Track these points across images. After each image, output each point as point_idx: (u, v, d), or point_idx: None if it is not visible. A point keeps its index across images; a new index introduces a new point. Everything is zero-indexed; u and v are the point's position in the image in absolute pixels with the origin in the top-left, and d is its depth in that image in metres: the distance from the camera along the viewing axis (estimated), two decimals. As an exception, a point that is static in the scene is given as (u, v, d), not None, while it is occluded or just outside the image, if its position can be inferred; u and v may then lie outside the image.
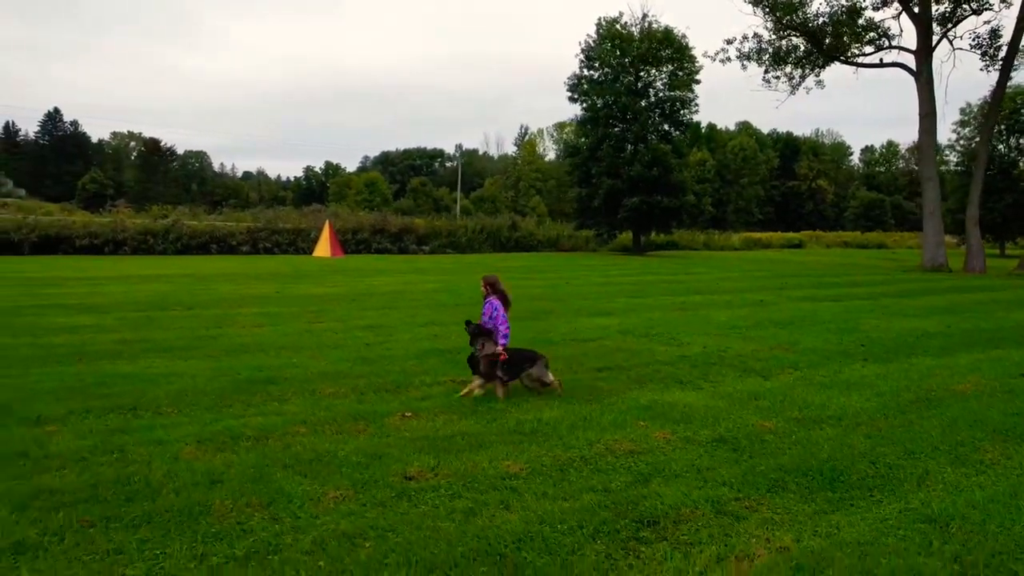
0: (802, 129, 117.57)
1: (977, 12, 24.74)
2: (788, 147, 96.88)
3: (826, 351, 8.79)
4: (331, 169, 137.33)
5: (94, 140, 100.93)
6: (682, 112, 36.29)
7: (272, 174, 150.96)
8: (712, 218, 62.87)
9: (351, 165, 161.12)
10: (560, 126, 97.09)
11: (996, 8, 24.56)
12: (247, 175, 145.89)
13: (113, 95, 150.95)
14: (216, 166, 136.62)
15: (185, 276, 18.13)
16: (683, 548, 3.27)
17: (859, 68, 27.57)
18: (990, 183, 38.66)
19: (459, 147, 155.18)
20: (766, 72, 28.17)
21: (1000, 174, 45.15)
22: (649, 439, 4.96)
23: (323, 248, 30.54)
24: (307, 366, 7.25)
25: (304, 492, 3.85)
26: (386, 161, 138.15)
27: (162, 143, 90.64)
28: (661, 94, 36.39)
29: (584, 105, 37.32)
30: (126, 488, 3.85)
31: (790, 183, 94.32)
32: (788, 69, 28.01)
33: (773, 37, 28.14)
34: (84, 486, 3.86)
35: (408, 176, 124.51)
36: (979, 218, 28.07)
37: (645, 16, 36.59)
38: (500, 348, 6.09)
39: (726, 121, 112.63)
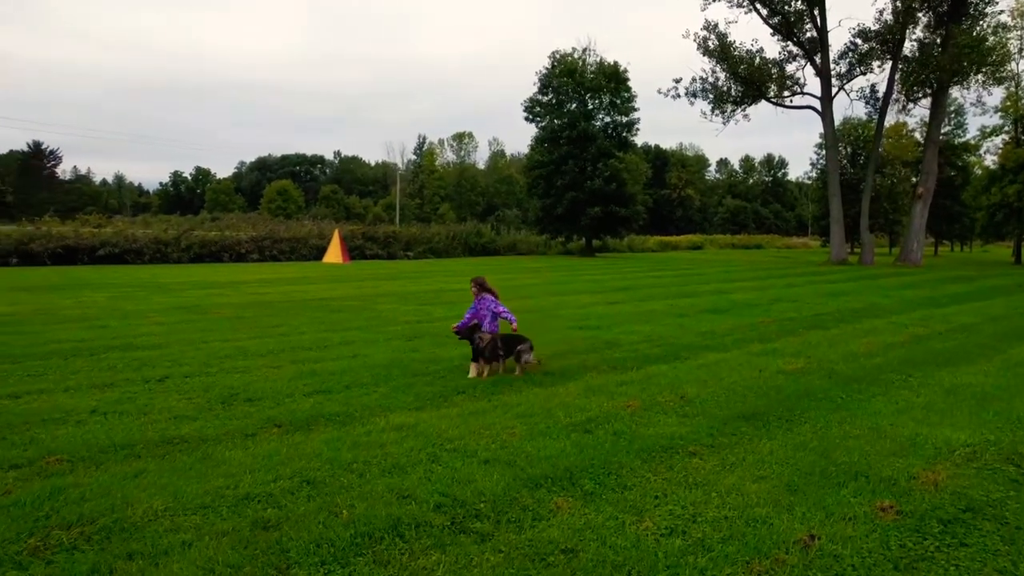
0: (668, 142, 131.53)
1: (864, 73, 33.54)
2: (659, 158, 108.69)
3: (914, 301, 14.61)
4: (202, 175, 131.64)
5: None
6: (625, 134, 42.75)
7: (99, 176, 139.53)
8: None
9: (222, 171, 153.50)
10: (458, 137, 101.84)
11: (876, 72, 33.32)
12: (80, 177, 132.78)
13: None
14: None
15: (299, 280, 20.80)
16: None
17: (781, 108, 35.39)
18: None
19: (337, 153, 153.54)
20: (713, 109, 35.15)
21: (848, 189, 56.78)
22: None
23: (334, 255, 33.02)
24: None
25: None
26: (263, 167, 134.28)
27: (44, 146, 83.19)
28: (607, 118, 42.61)
29: (541, 125, 42.79)
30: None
31: (662, 191, 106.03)
32: (727, 107, 35.11)
33: (715, 80, 35.20)
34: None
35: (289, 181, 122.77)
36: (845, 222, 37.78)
37: (587, 49, 42.79)
38: (505, 327, 7.09)
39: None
